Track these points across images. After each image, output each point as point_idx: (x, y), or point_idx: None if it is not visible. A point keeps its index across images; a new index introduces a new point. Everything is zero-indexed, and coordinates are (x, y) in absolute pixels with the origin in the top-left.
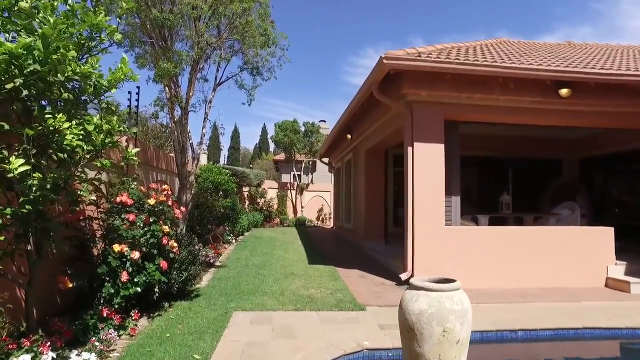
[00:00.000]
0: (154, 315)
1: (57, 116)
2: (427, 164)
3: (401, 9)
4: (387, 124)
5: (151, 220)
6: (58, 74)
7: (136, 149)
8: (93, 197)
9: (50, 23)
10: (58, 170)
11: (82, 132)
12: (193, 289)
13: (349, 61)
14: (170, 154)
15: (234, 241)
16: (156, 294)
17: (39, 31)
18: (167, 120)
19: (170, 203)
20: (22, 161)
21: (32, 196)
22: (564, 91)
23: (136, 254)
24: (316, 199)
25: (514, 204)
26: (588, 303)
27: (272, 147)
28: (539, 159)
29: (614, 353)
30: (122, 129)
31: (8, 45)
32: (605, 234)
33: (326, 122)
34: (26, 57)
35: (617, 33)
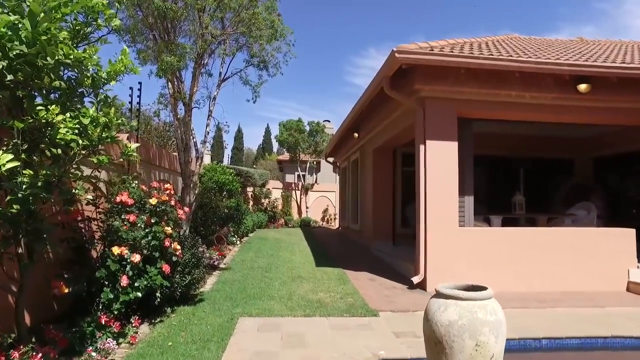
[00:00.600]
0: (156, 321)
1: (50, 108)
2: (440, 163)
3: (403, 9)
4: (397, 122)
5: (153, 221)
6: (48, 57)
7: (136, 144)
8: (89, 196)
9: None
10: (51, 167)
11: (78, 126)
12: (197, 293)
13: (351, 61)
14: (173, 153)
15: (239, 242)
16: (158, 299)
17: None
18: (171, 118)
19: (173, 203)
20: (11, 156)
21: (22, 195)
22: (583, 87)
23: (137, 257)
24: (321, 200)
25: (525, 205)
26: (613, 309)
27: (276, 148)
28: (550, 159)
29: None
30: (120, 122)
31: None
32: (626, 236)
33: (330, 122)
34: (11, 38)
35: (622, 33)
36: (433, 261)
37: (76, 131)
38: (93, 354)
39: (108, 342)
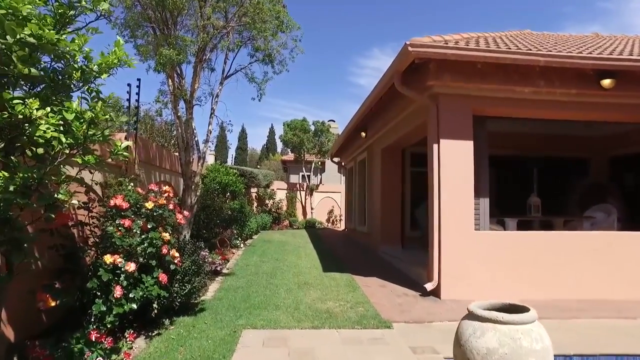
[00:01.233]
0: (153, 334)
1: (28, 101)
2: (455, 163)
3: (405, 9)
4: (408, 120)
5: (149, 226)
6: (7, 36)
7: (127, 143)
8: (75, 201)
9: None
10: (29, 168)
11: (61, 122)
12: (198, 302)
13: (355, 62)
14: (175, 153)
15: (242, 245)
16: (155, 311)
17: None
18: (173, 117)
19: (171, 207)
20: None
21: None
22: (607, 82)
23: (132, 266)
24: (326, 200)
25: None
26: None
27: (280, 148)
28: (564, 158)
29: None
30: (108, 118)
31: None
32: None
33: (335, 122)
34: None
35: (627, 31)
36: (447, 267)
37: (60, 128)
38: None
39: None
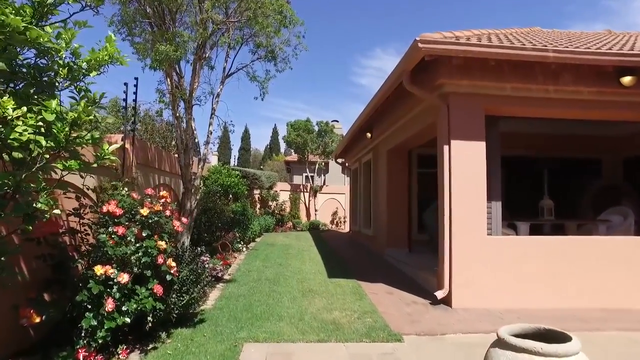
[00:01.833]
0: (148, 348)
1: (2, 100)
2: (467, 165)
3: (408, 9)
4: (416, 120)
5: (144, 234)
6: None
7: (115, 145)
8: (57, 211)
9: None
10: (3, 174)
11: (41, 123)
12: (197, 312)
13: (357, 62)
14: (175, 155)
15: (245, 249)
16: (149, 324)
17: None
18: (172, 117)
19: (168, 213)
20: None
21: None
22: (627, 79)
23: (125, 277)
24: (330, 202)
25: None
26: None
27: (283, 148)
28: (575, 159)
29: None
30: (93, 118)
31: None
32: None
33: (339, 122)
34: None
35: (632, 30)
36: (459, 274)
37: (42, 130)
38: None
39: None
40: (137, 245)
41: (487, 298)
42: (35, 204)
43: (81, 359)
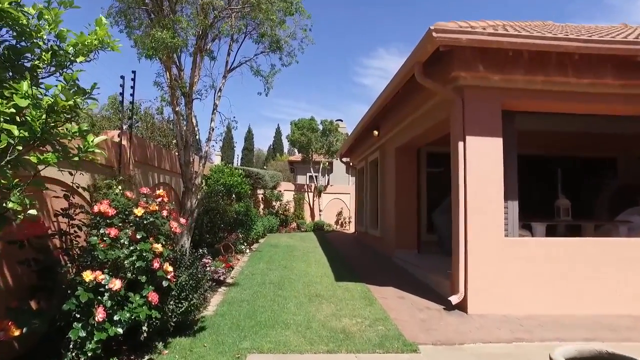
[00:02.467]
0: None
1: None
2: (483, 162)
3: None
4: (427, 116)
5: (139, 236)
6: None
7: (102, 137)
8: (32, 211)
9: None
10: None
11: (13, 110)
12: (197, 319)
13: (360, 62)
14: (175, 153)
15: (248, 251)
16: (144, 334)
17: None
18: (172, 113)
19: (165, 213)
20: None
21: None
22: None
23: (117, 283)
24: (335, 202)
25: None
26: None
27: (287, 149)
28: (589, 157)
29: None
30: (72, 104)
31: None
32: None
33: (343, 122)
34: None
35: None
36: (475, 278)
37: (17, 119)
38: None
39: None
40: (131, 248)
41: (505, 303)
42: (5, 204)
43: None
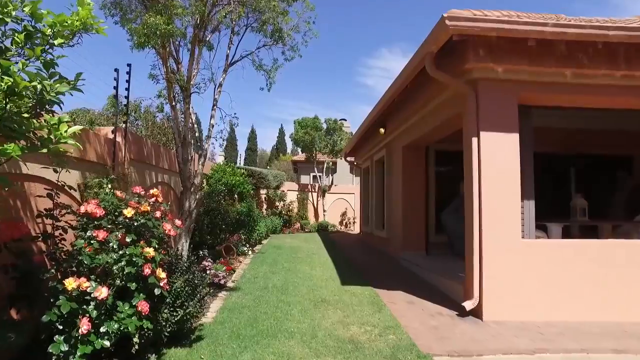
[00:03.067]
0: None
1: None
2: (498, 159)
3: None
4: (437, 112)
5: (128, 240)
6: None
7: (77, 127)
8: None
9: None
10: None
11: None
12: (195, 327)
13: (363, 62)
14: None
15: (251, 252)
16: (135, 346)
17: None
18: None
19: (158, 214)
20: None
21: None
22: None
23: (103, 292)
24: (339, 202)
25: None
26: None
27: (290, 149)
28: (604, 156)
29: None
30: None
31: None
32: None
33: (347, 121)
34: None
35: None
36: (491, 282)
37: None
38: None
39: None
40: (121, 252)
41: (522, 309)
42: None
43: None
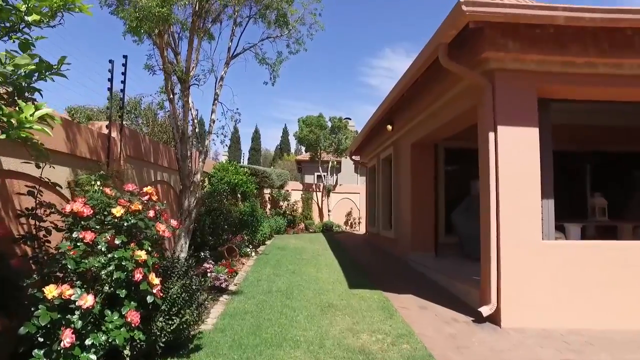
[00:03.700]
0: None
1: None
2: (516, 155)
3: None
4: (450, 105)
5: (117, 242)
6: None
7: (45, 110)
8: None
9: None
10: None
11: None
12: (193, 335)
13: (366, 62)
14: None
15: (254, 254)
16: (127, 359)
17: None
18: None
19: (152, 214)
20: None
21: None
22: None
23: (88, 300)
24: (344, 202)
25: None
26: None
27: (294, 148)
28: (619, 153)
29: None
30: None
31: None
32: None
33: (352, 120)
34: None
35: None
36: (509, 286)
37: None
38: None
39: None
40: (109, 256)
41: (544, 316)
42: None
43: None
